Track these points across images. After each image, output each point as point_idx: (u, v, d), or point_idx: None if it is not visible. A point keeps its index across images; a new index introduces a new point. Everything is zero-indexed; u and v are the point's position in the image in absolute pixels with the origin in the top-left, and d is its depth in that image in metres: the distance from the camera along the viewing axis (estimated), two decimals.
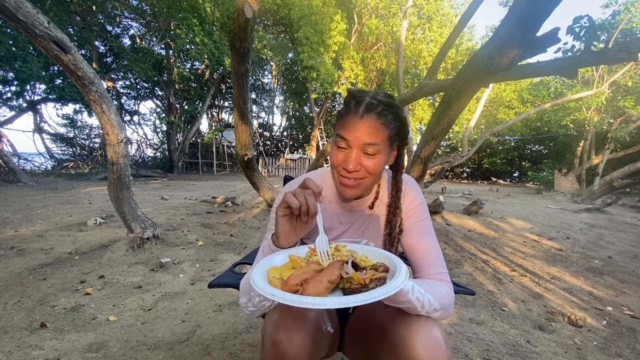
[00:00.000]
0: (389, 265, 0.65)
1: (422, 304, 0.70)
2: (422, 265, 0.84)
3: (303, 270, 0.61)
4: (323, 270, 0.59)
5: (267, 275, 0.63)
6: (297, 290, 0.55)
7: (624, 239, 4.50)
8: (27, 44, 7.46)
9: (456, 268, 2.97)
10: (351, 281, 0.59)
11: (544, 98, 12.33)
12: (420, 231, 0.87)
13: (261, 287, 0.55)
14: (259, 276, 0.59)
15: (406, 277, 0.58)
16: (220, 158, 16.60)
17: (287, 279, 0.58)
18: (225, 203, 5.15)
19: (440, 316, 0.75)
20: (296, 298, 0.51)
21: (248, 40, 2.67)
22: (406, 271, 0.59)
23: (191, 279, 2.33)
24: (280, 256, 0.71)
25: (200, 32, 9.77)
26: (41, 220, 3.75)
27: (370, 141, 0.76)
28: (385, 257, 0.68)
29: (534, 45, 2.00)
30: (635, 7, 9.39)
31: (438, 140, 2.93)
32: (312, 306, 0.51)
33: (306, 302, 0.51)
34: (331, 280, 0.57)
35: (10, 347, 1.45)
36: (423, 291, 0.71)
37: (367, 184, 0.82)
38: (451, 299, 0.78)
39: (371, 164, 0.78)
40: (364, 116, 0.76)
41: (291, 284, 0.56)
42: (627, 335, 1.92)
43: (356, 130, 0.76)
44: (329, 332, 0.81)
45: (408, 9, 7.62)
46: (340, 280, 0.59)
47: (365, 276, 0.58)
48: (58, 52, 2.19)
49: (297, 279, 0.57)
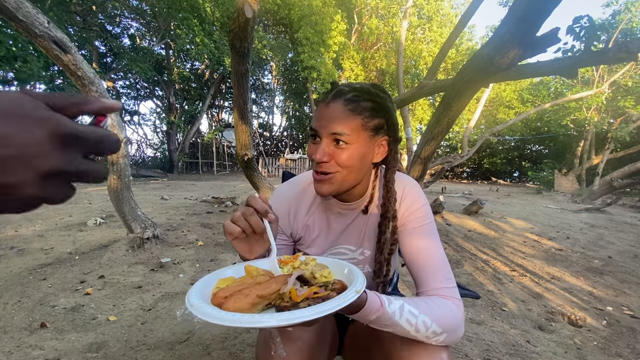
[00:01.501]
0: (347, 284, 0.55)
1: (416, 327, 0.61)
2: (423, 279, 0.73)
3: (243, 281, 0.55)
4: (261, 284, 0.53)
5: (214, 285, 0.57)
6: (222, 303, 0.49)
7: (624, 239, 4.50)
8: (27, 44, 7.45)
9: (456, 268, 2.97)
10: (283, 298, 0.53)
11: (544, 98, 12.34)
12: (421, 238, 0.76)
13: (189, 295, 0.51)
14: (201, 284, 0.55)
15: (349, 298, 0.48)
16: (220, 158, 16.60)
17: (219, 290, 0.52)
18: (225, 203, 5.15)
19: (445, 341, 0.64)
20: (203, 310, 0.46)
21: (248, 40, 2.67)
22: (356, 290, 0.50)
23: (191, 279, 2.33)
24: (237, 267, 0.63)
25: (200, 32, 9.78)
26: (41, 220, 3.75)
27: (336, 129, 0.68)
28: (352, 275, 0.57)
29: (534, 45, 2.00)
30: (635, 7, 9.39)
31: (438, 140, 2.93)
32: (211, 320, 0.44)
33: (207, 315, 0.45)
34: (261, 295, 0.50)
35: (10, 347, 1.45)
36: (416, 312, 0.62)
37: (339, 178, 0.71)
38: (457, 321, 0.66)
39: (343, 156, 0.69)
40: (330, 103, 0.70)
41: (219, 296, 0.50)
42: (627, 335, 1.92)
43: (322, 118, 0.70)
44: (280, 356, 0.70)
45: (408, 9, 7.62)
46: (275, 296, 0.53)
47: (302, 293, 0.51)
48: (58, 52, 2.19)
49: (228, 291, 0.51)
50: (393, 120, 0.75)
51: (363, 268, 0.86)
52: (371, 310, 0.59)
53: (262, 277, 0.56)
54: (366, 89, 0.72)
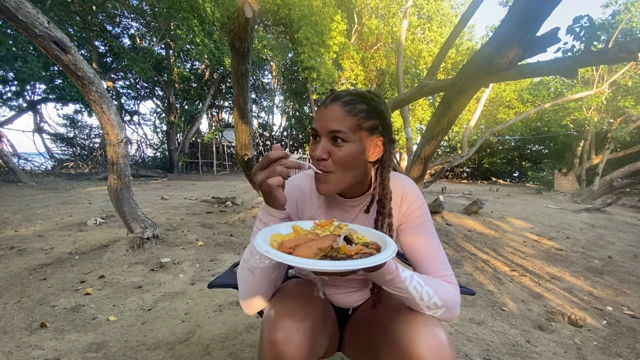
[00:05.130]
0: (381, 245, 0.67)
1: (421, 296, 0.70)
2: (424, 268, 0.81)
3: (299, 236, 0.65)
4: (317, 239, 0.63)
5: (270, 239, 0.66)
6: (290, 252, 0.59)
7: (624, 238, 4.50)
8: (27, 44, 7.45)
9: (456, 268, 2.97)
10: (338, 252, 0.62)
11: (544, 98, 12.33)
12: (421, 234, 0.84)
13: (260, 244, 0.60)
14: (261, 237, 0.64)
15: (392, 254, 0.60)
16: (220, 158, 16.59)
17: (283, 242, 0.63)
18: (225, 203, 5.15)
19: (443, 316, 0.73)
20: (284, 256, 0.56)
21: (248, 40, 2.67)
22: (394, 250, 0.61)
23: (191, 279, 2.33)
24: (285, 226, 0.74)
25: (200, 32, 9.77)
26: (41, 220, 3.75)
27: (334, 128, 0.75)
28: (381, 239, 0.70)
29: (534, 45, 2.00)
30: (635, 7, 9.38)
31: (438, 140, 2.93)
32: (297, 264, 0.55)
33: (289, 260, 0.56)
34: (321, 247, 0.60)
35: (10, 347, 1.45)
36: (422, 283, 0.71)
37: (336, 178, 0.78)
38: (456, 299, 0.76)
39: (340, 153, 0.75)
40: (329, 105, 0.78)
41: (285, 246, 0.60)
42: (627, 335, 1.92)
43: (322, 118, 0.77)
44: (320, 297, 0.84)
45: (408, 9, 7.61)
46: (330, 250, 0.63)
47: (353, 249, 0.61)
48: (58, 52, 2.19)
49: (292, 243, 0.61)
50: (387, 122, 0.82)
51: None
52: (388, 271, 0.68)
53: (312, 234, 0.66)
54: (362, 93, 0.80)
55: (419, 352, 0.66)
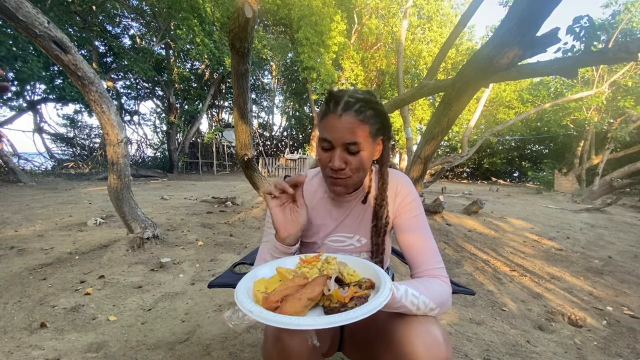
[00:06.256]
0: (374, 280, 0.66)
1: (417, 307, 0.71)
2: (417, 262, 0.84)
3: (286, 285, 0.61)
4: (305, 286, 0.59)
5: (253, 288, 0.63)
6: (277, 307, 0.55)
7: (624, 238, 4.50)
8: (27, 44, 7.45)
9: (456, 268, 2.97)
10: (331, 299, 0.59)
11: (544, 98, 12.33)
12: (414, 227, 0.87)
13: (242, 301, 0.56)
14: (243, 289, 0.60)
15: (389, 293, 0.58)
16: (220, 158, 16.59)
17: (268, 295, 0.58)
18: (225, 203, 5.15)
19: (438, 314, 0.76)
20: (272, 317, 0.52)
21: (248, 40, 2.67)
22: (390, 288, 0.60)
23: (191, 279, 2.33)
24: (267, 268, 0.72)
25: (200, 32, 9.77)
26: (41, 220, 3.75)
27: (351, 140, 0.78)
28: (372, 270, 0.69)
29: (534, 45, 2.00)
30: (635, 7, 9.38)
31: (438, 140, 2.93)
32: (287, 326, 0.50)
33: (281, 322, 0.51)
34: (311, 297, 0.57)
35: (10, 347, 1.45)
36: (417, 294, 0.72)
37: (354, 181, 0.84)
38: (447, 295, 0.78)
39: (355, 161, 0.80)
40: (342, 115, 0.78)
41: (271, 300, 0.56)
42: (627, 335, 1.92)
43: (336, 130, 0.78)
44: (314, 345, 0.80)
45: (408, 9, 7.61)
46: (322, 299, 0.59)
47: (346, 294, 0.58)
48: (58, 52, 2.19)
49: (278, 295, 0.57)
50: (388, 122, 0.86)
51: (360, 255, 0.94)
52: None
53: (299, 278, 0.63)
54: (367, 98, 0.81)
55: (414, 350, 0.66)
